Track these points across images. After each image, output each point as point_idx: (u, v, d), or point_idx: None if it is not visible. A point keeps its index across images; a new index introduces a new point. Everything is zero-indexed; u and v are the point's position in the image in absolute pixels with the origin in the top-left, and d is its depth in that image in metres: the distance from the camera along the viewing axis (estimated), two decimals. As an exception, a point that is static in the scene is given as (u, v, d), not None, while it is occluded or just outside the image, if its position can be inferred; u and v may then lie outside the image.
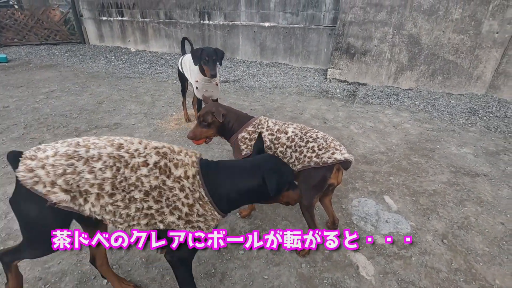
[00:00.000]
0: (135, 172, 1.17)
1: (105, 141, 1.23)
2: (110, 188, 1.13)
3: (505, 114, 4.17)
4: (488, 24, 4.46)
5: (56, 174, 1.09)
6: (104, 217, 1.18)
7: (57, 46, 9.43)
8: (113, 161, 1.15)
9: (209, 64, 2.95)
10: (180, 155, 1.32)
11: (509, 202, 2.45)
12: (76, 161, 1.11)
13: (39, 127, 3.77)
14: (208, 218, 1.30)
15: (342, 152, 1.75)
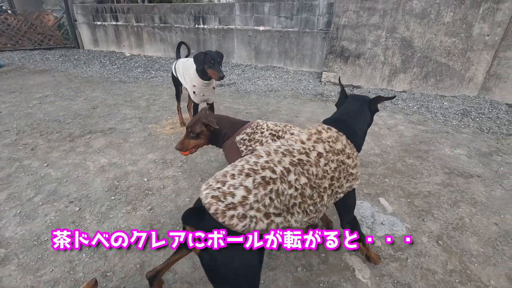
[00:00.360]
0: (318, 166, 1.30)
1: (273, 154, 1.25)
2: (310, 191, 1.22)
3: (497, 116, 4.22)
4: (479, 27, 4.53)
5: (265, 206, 1.09)
6: (303, 220, 1.26)
7: (51, 51, 9.38)
8: (299, 167, 1.23)
9: (215, 67, 2.92)
10: (324, 134, 1.45)
11: (502, 202, 2.47)
12: (273, 185, 1.13)
13: (32, 132, 3.73)
14: (357, 165, 1.52)
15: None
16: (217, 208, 1.04)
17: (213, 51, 2.98)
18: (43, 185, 2.68)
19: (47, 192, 2.59)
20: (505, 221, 2.26)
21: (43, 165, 3.01)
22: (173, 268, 1.85)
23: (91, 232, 2.14)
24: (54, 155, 3.21)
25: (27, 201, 2.47)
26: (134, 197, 2.52)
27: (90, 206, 2.41)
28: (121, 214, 2.32)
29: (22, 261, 1.89)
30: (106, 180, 2.76)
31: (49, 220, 2.26)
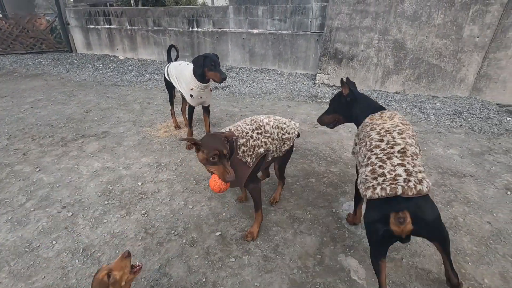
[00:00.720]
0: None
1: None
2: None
3: (488, 116, 4.29)
4: (469, 29, 4.61)
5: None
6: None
7: (43, 55, 9.29)
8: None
9: (217, 69, 2.92)
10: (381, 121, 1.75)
11: (495, 201, 2.50)
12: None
13: (23, 137, 3.68)
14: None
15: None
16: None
17: (211, 53, 2.98)
18: (35, 191, 2.64)
19: (39, 197, 2.55)
20: (498, 219, 2.28)
21: (35, 170, 2.97)
22: (168, 272, 1.84)
23: (84, 237, 2.11)
24: (47, 160, 3.16)
25: (19, 207, 2.43)
26: (128, 201, 2.50)
27: (83, 211, 2.38)
28: (115, 219, 2.29)
29: (13, 268, 1.86)
30: (99, 185, 2.73)
31: (41, 226, 2.22)
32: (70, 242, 2.07)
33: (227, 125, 4.06)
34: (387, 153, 1.51)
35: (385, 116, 1.78)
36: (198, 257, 1.94)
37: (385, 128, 1.66)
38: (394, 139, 1.56)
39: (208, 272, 1.84)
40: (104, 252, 1.98)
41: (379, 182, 1.40)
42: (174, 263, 1.90)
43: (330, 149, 3.40)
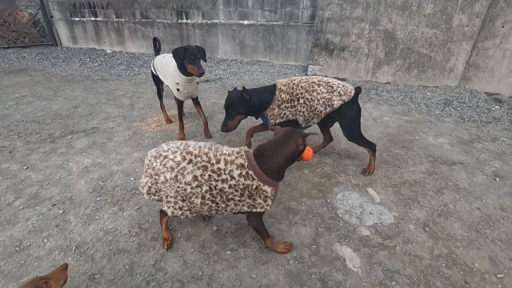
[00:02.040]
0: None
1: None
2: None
3: (477, 104, 4.36)
4: (458, 18, 4.64)
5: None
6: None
7: (27, 49, 8.98)
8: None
9: (196, 63, 2.81)
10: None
11: (484, 188, 2.56)
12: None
13: (9, 134, 3.56)
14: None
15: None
16: None
17: (192, 45, 2.88)
18: (23, 189, 2.57)
19: (27, 195, 2.49)
20: (487, 205, 2.34)
21: (22, 168, 2.89)
22: (163, 267, 1.83)
23: (76, 235, 2.07)
24: (34, 157, 3.08)
25: (7, 206, 2.36)
26: (121, 197, 2.46)
27: (74, 209, 2.33)
28: (108, 215, 2.26)
29: (4, 269, 1.81)
30: (90, 181, 2.68)
31: (31, 224, 2.17)
32: (62, 240, 2.03)
33: (220, 118, 4.03)
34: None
35: (284, 83, 2.62)
36: (193, 251, 1.93)
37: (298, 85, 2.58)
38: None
39: (204, 266, 1.83)
40: (97, 249, 1.95)
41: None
42: (170, 257, 1.89)
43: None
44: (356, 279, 1.75)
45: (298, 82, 2.57)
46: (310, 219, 2.22)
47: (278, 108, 2.59)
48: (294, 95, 2.55)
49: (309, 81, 2.54)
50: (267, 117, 2.67)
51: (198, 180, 1.56)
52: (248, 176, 1.57)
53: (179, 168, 1.56)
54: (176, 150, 1.61)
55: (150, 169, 1.66)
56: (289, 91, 2.56)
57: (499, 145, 3.26)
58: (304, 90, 2.52)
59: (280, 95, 2.57)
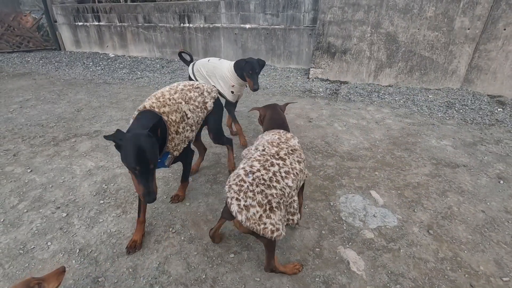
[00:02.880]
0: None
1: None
2: None
3: (479, 107, 4.35)
4: (460, 21, 4.64)
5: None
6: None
7: (31, 53, 9.06)
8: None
9: (253, 77, 2.96)
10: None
11: (488, 190, 2.54)
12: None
13: (13, 138, 3.59)
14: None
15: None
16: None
17: (254, 59, 2.99)
18: (27, 192, 2.59)
19: (31, 198, 2.50)
20: (491, 208, 2.33)
21: (26, 171, 2.90)
22: (167, 269, 1.83)
23: (80, 237, 2.08)
24: (38, 160, 3.10)
25: (11, 209, 2.37)
26: (124, 200, 2.47)
27: (78, 211, 2.34)
28: (111, 218, 2.26)
29: (8, 271, 1.82)
30: (94, 184, 2.69)
31: (35, 227, 2.18)
32: (66, 242, 2.04)
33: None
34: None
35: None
36: (197, 254, 1.93)
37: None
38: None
39: (207, 269, 1.83)
40: (101, 251, 1.96)
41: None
42: (173, 260, 1.89)
43: (325, 142, 3.41)
44: (360, 282, 1.74)
45: (170, 96, 2.06)
46: (313, 222, 2.21)
47: (177, 134, 1.98)
48: (180, 110, 2.05)
49: (178, 89, 2.16)
50: (167, 153, 2.01)
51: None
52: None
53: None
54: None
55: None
56: (174, 108, 2.00)
57: (503, 148, 3.24)
58: (183, 100, 2.11)
59: (170, 117, 1.95)
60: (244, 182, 1.48)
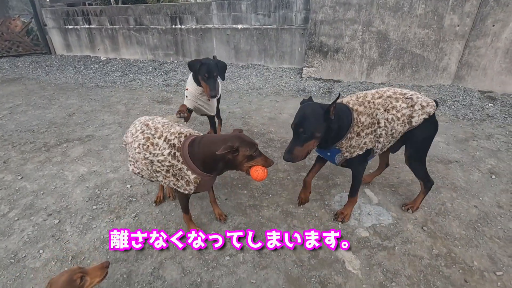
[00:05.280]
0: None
1: None
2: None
3: (470, 103, 4.39)
4: (449, 18, 4.69)
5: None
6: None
7: (21, 58, 8.93)
8: None
9: (209, 82, 2.47)
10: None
11: (480, 185, 2.57)
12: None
13: (3, 144, 3.53)
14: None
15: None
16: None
17: (211, 60, 2.54)
18: (18, 199, 2.54)
19: (22, 206, 2.46)
20: (484, 203, 2.35)
21: (17, 178, 2.85)
22: (161, 275, 1.81)
23: (72, 245, 2.05)
24: (29, 167, 3.05)
25: (1, 217, 2.33)
26: (117, 205, 2.44)
27: (70, 218, 2.31)
28: (104, 224, 2.23)
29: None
30: (86, 190, 2.65)
31: (26, 235, 2.14)
32: (58, 250, 2.00)
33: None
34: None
35: (353, 98, 2.01)
36: (192, 258, 1.92)
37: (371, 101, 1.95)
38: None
39: (202, 272, 1.81)
40: (94, 258, 1.93)
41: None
42: (168, 265, 1.87)
43: (319, 142, 3.41)
44: (356, 281, 1.74)
45: (371, 99, 1.95)
46: (308, 221, 2.21)
47: (357, 136, 1.88)
48: (374, 116, 1.90)
49: (384, 95, 1.95)
50: (337, 150, 1.95)
51: (140, 148, 1.77)
52: (175, 156, 1.72)
53: (134, 136, 1.84)
54: (143, 122, 1.90)
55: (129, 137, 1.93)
56: (368, 112, 1.90)
57: (494, 143, 3.28)
58: (383, 108, 1.90)
59: (359, 118, 1.88)
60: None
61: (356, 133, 1.87)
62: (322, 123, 1.74)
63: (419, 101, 1.91)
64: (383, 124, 1.89)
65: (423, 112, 1.88)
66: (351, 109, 1.91)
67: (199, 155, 1.71)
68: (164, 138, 1.76)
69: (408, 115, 1.89)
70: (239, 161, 1.67)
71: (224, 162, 1.69)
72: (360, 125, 1.88)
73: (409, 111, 1.89)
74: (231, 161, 1.67)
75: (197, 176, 1.74)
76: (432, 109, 1.91)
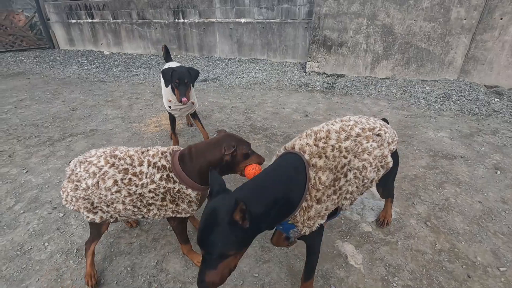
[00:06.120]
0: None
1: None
2: None
3: (476, 97, 4.34)
4: (456, 11, 4.61)
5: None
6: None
7: (25, 52, 8.97)
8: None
9: (180, 88, 2.57)
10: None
11: (485, 181, 2.55)
12: None
13: (8, 138, 3.56)
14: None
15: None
16: None
17: (183, 68, 2.64)
18: (23, 193, 2.57)
19: (28, 199, 2.48)
20: (488, 198, 2.33)
21: (22, 172, 2.88)
22: (165, 268, 1.82)
23: (77, 237, 2.07)
24: (33, 160, 3.08)
25: (7, 210, 2.36)
26: (121, 199, 2.45)
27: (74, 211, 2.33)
28: (108, 217, 2.25)
29: (5, 273, 1.81)
30: (90, 183, 2.67)
31: (31, 228, 2.17)
32: (63, 243, 2.03)
33: (218, 117, 4.02)
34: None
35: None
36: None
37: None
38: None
39: (205, 266, 1.82)
40: (98, 251, 1.95)
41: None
42: (171, 258, 1.89)
43: (322, 137, 3.39)
44: (358, 276, 1.74)
45: (336, 142, 1.37)
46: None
47: (317, 203, 1.28)
48: (339, 169, 1.34)
49: (352, 133, 1.42)
50: (291, 226, 1.36)
51: (118, 185, 1.45)
52: (169, 179, 1.49)
53: (101, 173, 1.46)
54: (101, 155, 1.52)
55: (74, 175, 1.52)
56: (332, 165, 1.31)
57: (500, 138, 3.24)
58: (352, 154, 1.38)
59: (319, 178, 1.28)
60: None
61: (315, 199, 1.27)
62: (232, 236, 1.09)
63: (386, 137, 1.53)
64: (352, 176, 1.37)
65: (389, 150, 1.53)
66: (306, 163, 1.30)
67: (194, 168, 1.54)
68: (147, 163, 1.50)
69: (381, 156, 1.47)
70: (237, 161, 1.59)
71: (221, 167, 1.58)
72: (320, 187, 1.27)
73: (380, 151, 1.46)
74: (229, 163, 1.58)
75: (198, 193, 1.56)
76: (395, 146, 1.58)
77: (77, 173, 1.50)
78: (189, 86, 2.68)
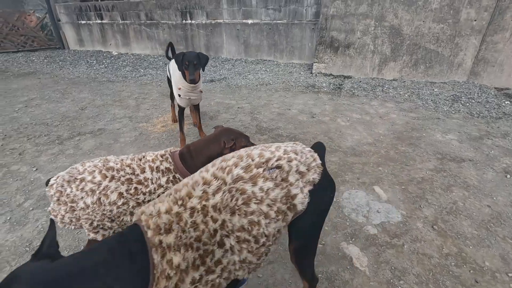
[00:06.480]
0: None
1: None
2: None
3: (486, 100, 4.27)
4: (466, 12, 4.55)
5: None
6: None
7: (35, 52, 9.14)
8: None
9: (189, 68, 2.77)
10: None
11: (494, 184, 2.50)
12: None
13: (18, 137, 3.63)
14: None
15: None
16: None
17: (193, 52, 2.83)
18: (32, 190, 2.62)
19: (37, 196, 2.53)
20: (497, 203, 2.29)
21: (32, 169, 2.94)
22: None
23: (84, 235, 2.10)
24: (43, 159, 3.13)
25: (17, 207, 2.41)
26: (128, 198, 2.48)
27: (82, 209, 2.36)
28: (115, 216, 2.28)
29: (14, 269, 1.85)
30: (98, 182, 2.71)
31: (40, 225, 2.21)
32: (71, 240, 2.06)
33: (224, 118, 4.04)
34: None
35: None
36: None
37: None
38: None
39: (210, 265, 1.83)
40: (105, 249, 1.97)
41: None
42: (176, 257, 1.90)
43: (328, 138, 3.38)
44: (363, 278, 1.73)
45: (198, 202, 1.00)
46: (316, 218, 2.20)
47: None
48: (207, 239, 0.98)
49: (226, 179, 1.05)
50: None
51: (124, 197, 1.35)
52: (175, 180, 1.44)
53: (101, 188, 1.34)
54: (94, 169, 1.39)
55: (64, 197, 1.36)
56: (187, 238, 0.95)
57: (510, 141, 3.19)
58: (227, 211, 1.00)
59: (169, 261, 0.91)
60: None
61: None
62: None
63: (294, 165, 1.10)
64: (234, 242, 1.01)
65: (306, 182, 1.10)
66: (147, 244, 0.92)
67: (196, 165, 1.49)
68: (149, 169, 1.42)
69: (285, 196, 1.06)
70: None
71: None
72: (171, 273, 0.90)
73: (282, 191, 1.06)
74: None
75: None
76: (317, 174, 1.13)
77: (69, 194, 1.35)
78: (199, 69, 2.85)
